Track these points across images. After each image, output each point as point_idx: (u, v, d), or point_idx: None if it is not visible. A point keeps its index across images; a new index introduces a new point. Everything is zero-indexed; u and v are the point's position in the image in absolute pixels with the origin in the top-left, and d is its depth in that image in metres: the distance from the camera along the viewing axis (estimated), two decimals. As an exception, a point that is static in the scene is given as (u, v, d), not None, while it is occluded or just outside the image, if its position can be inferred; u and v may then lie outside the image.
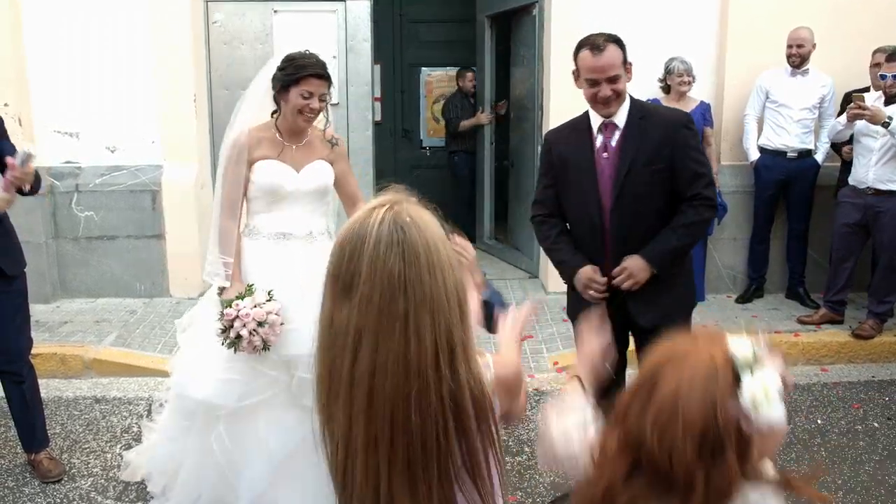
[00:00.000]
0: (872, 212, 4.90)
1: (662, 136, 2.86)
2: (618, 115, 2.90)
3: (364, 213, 1.27)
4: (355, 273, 1.21)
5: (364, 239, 1.21)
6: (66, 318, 5.36)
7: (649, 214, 2.89)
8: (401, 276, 1.19)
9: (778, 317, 5.40)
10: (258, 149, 3.00)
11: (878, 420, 4.22)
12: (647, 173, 2.85)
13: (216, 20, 5.86)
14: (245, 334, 2.80)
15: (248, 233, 3.07)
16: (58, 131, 5.68)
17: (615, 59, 2.82)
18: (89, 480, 3.56)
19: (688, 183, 2.88)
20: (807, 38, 5.30)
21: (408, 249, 1.20)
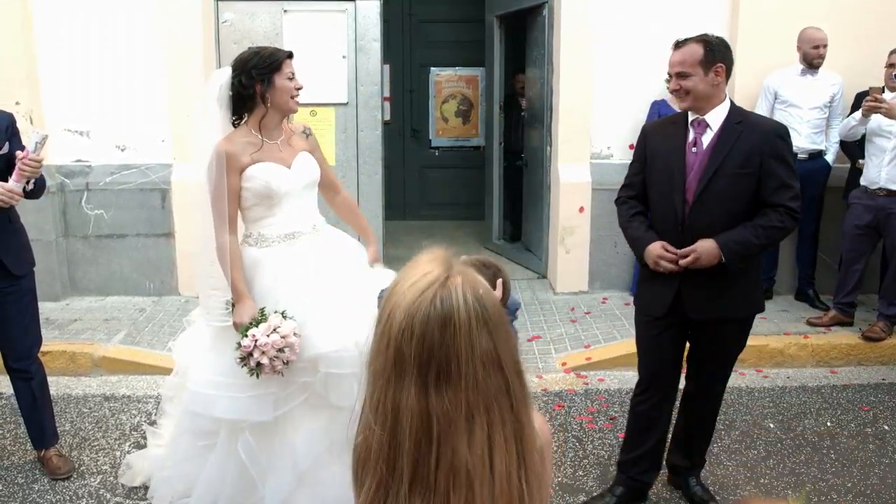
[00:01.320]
0: (884, 213, 4.88)
1: (756, 142, 2.91)
2: (711, 115, 2.98)
3: (434, 287, 1.16)
4: (451, 357, 1.14)
5: (451, 319, 1.14)
6: (75, 315, 5.38)
7: (729, 215, 2.93)
8: (493, 352, 1.16)
9: (787, 319, 5.38)
10: (244, 154, 2.90)
11: (888, 423, 4.19)
12: (735, 176, 2.91)
13: (226, 20, 5.88)
14: (266, 362, 2.78)
15: (255, 242, 2.99)
16: (68, 130, 5.71)
17: (687, 56, 2.92)
18: (98, 478, 3.58)
19: (774, 192, 2.92)
20: (826, 38, 5.28)
21: (492, 324, 1.16)
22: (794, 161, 3.01)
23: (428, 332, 1.14)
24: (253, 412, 2.92)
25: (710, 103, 2.98)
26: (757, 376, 4.80)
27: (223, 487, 3.01)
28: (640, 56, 5.72)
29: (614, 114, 5.81)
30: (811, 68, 5.34)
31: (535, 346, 4.99)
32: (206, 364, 3.02)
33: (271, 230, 2.98)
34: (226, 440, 3.00)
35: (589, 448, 3.88)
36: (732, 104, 3.03)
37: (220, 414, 2.95)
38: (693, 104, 2.98)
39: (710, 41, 2.95)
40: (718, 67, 2.93)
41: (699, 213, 2.96)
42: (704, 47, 2.92)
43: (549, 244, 6.20)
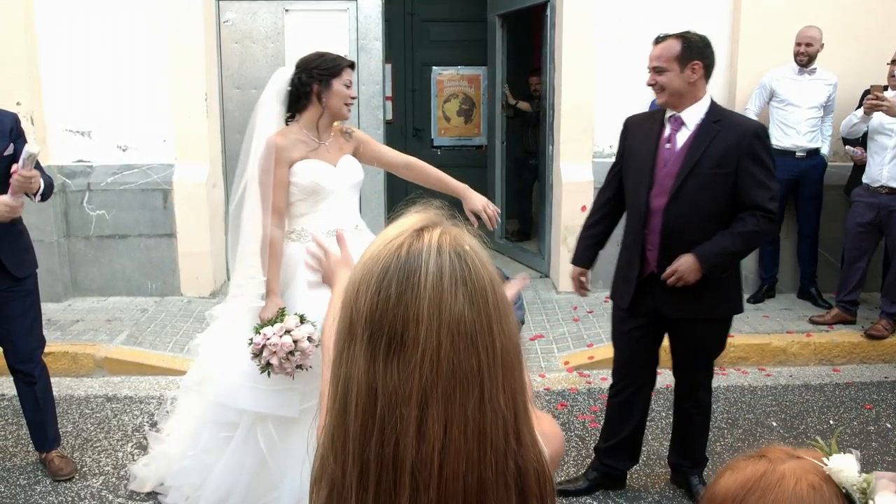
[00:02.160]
0: (886, 211, 4.87)
1: (733, 142, 2.90)
2: (688, 113, 2.98)
3: (403, 236, 0.95)
4: (409, 320, 0.90)
5: (416, 272, 0.91)
6: (77, 316, 5.39)
7: (704, 216, 2.94)
8: (470, 324, 0.91)
9: (790, 317, 5.37)
10: (295, 149, 3.00)
11: (890, 421, 4.19)
12: (710, 176, 2.91)
13: (227, 19, 5.88)
14: (275, 362, 2.81)
15: (298, 237, 3.05)
16: (69, 130, 5.71)
17: (664, 52, 2.94)
18: (100, 479, 3.58)
19: (750, 193, 2.91)
20: (815, 37, 5.27)
21: (475, 289, 0.92)
22: (772, 161, 2.99)
23: (384, 287, 0.91)
24: (278, 407, 2.94)
25: (686, 100, 2.97)
26: (759, 374, 4.80)
27: (238, 479, 3.01)
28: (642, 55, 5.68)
29: (616, 112, 5.77)
30: (800, 66, 5.34)
31: (537, 345, 4.99)
32: (235, 356, 3.03)
33: (315, 225, 3.03)
34: (245, 430, 3.00)
35: (592, 447, 3.87)
36: (713, 103, 3.02)
37: (246, 406, 2.97)
38: (668, 100, 2.99)
39: (689, 38, 2.95)
40: (695, 64, 2.92)
41: (673, 214, 2.96)
42: (682, 43, 2.93)
43: (551, 243, 6.19)
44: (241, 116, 5.97)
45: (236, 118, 5.97)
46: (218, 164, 5.92)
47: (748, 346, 4.93)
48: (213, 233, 5.80)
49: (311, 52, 3.10)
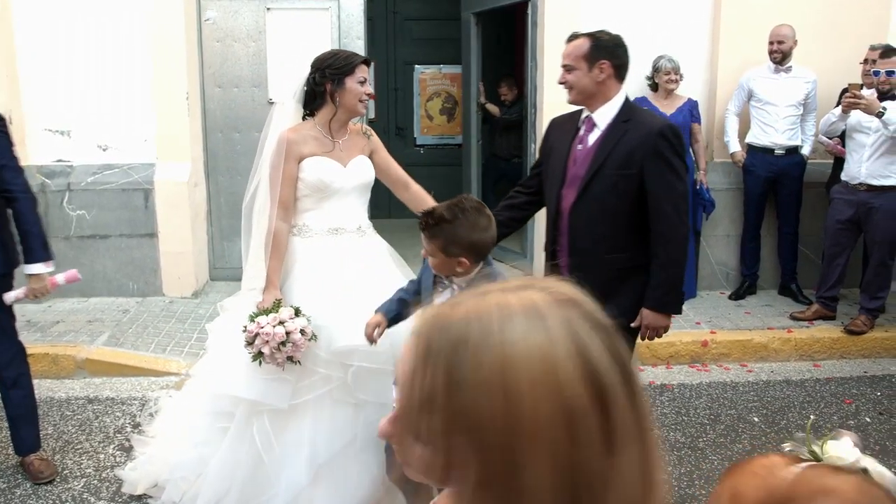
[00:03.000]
0: (865, 208, 4.92)
1: (638, 142, 2.85)
2: (599, 113, 2.94)
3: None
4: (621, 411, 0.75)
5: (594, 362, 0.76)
6: (58, 317, 5.34)
7: (610, 217, 2.89)
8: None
9: (771, 313, 5.42)
10: (306, 145, 3.01)
11: (869, 415, 4.24)
12: (615, 177, 2.86)
13: (209, 18, 5.84)
14: (267, 352, 2.82)
15: (299, 232, 3.07)
16: (49, 129, 5.65)
17: (573, 50, 2.91)
18: (82, 481, 3.55)
19: (656, 195, 2.85)
20: (787, 34, 5.33)
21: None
22: (681, 160, 2.91)
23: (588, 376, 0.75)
24: (269, 395, 2.94)
25: (597, 100, 2.92)
26: (741, 371, 4.84)
27: (234, 475, 3.00)
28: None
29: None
30: (775, 64, 5.39)
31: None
32: (235, 346, 3.03)
33: (316, 222, 3.04)
34: (242, 423, 3.00)
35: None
36: (626, 102, 2.97)
37: (238, 392, 2.98)
38: (576, 98, 2.96)
39: (599, 37, 2.91)
40: (603, 64, 2.87)
41: (578, 215, 2.93)
42: (591, 42, 2.89)
43: (535, 241, 6.21)
44: (222, 115, 5.94)
45: (218, 117, 5.94)
46: (200, 164, 5.89)
47: (730, 343, 4.97)
48: (195, 233, 5.77)
49: (327, 50, 3.13)
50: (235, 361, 3.00)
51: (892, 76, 4.74)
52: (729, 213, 5.81)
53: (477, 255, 2.49)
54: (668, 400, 4.42)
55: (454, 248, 2.44)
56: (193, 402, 3.27)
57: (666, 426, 4.08)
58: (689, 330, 5.12)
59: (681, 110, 5.53)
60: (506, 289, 0.80)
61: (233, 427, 3.02)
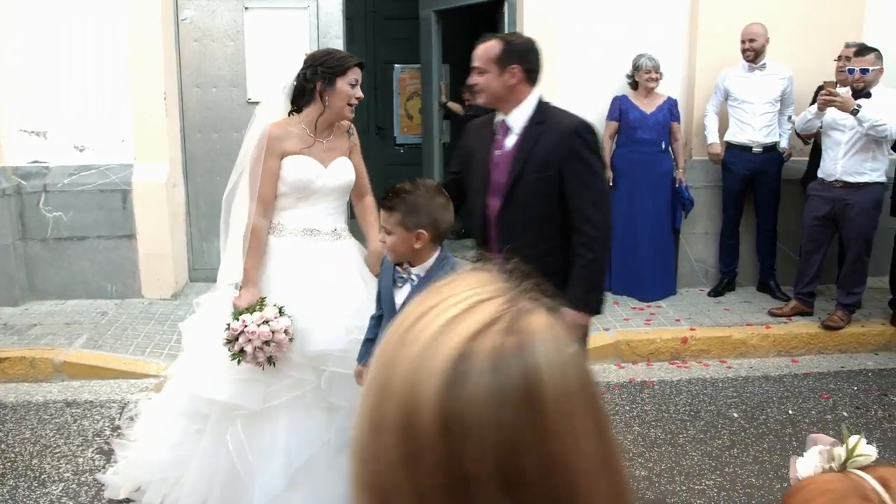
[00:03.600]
0: (840, 205, 4.98)
1: (554, 144, 2.82)
2: (513, 117, 2.90)
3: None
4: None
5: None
6: (35, 320, 5.28)
7: (537, 221, 2.86)
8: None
9: (750, 309, 5.47)
10: (289, 142, 2.95)
11: (847, 409, 4.29)
12: (537, 180, 2.83)
13: (186, 17, 5.80)
14: (249, 350, 2.79)
15: (273, 230, 3.01)
16: (24, 130, 5.59)
17: (483, 52, 2.86)
18: (60, 486, 3.51)
19: (573, 195, 2.83)
20: (759, 32, 5.38)
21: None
22: (598, 158, 2.90)
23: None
24: (241, 397, 2.90)
25: (510, 103, 2.88)
26: (720, 367, 4.88)
27: (213, 482, 2.97)
28: (603, 52, 5.77)
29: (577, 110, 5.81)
30: (749, 62, 5.44)
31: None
32: (209, 345, 3.00)
33: (291, 222, 3.00)
34: (216, 428, 2.97)
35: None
36: (540, 103, 2.92)
37: (209, 394, 2.94)
38: (488, 101, 2.93)
39: (511, 41, 2.88)
40: (514, 68, 2.83)
41: (506, 220, 2.90)
42: (502, 45, 2.84)
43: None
44: (200, 115, 5.90)
45: (196, 117, 5.90)
46: (178, 164, 5.84)
47: (709, 339, 5.01)
48: (174, 234, 5.72)
49: (321, 49, 3.10)
50: (208, 362, 2.97)
51: (867, 74, 4.80)
52: (707, 210, 5.86)
53: (435, 229, 2.48)
54: (648, 397, 4.45)
55: (414, 217, 2.44)
56: (170, 403, 3.23)
57: (646, 423, 4.11)
58: (669, 327, 5.16)
59: (661, 109, 5.57)
60: (460, 321, 0.68)
61: (207, 433, 2.99)
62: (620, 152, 5.68)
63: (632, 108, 5.59)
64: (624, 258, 5.70)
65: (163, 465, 3.13)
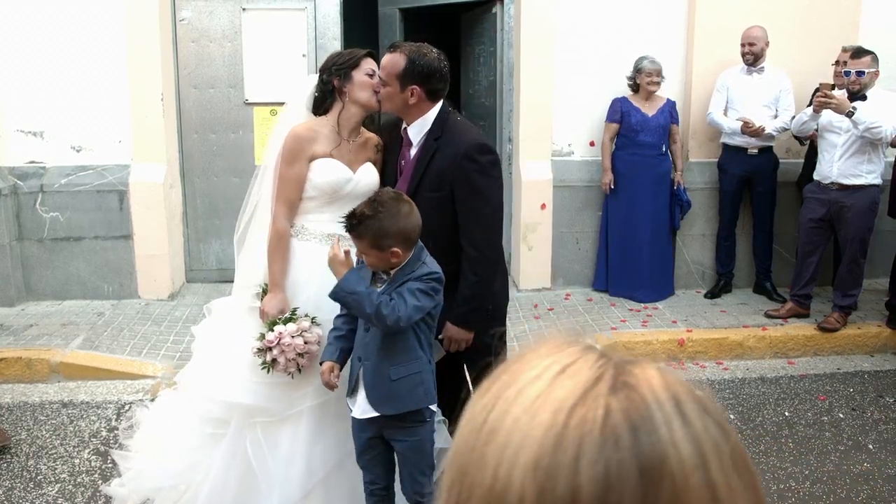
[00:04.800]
0: (837, 207, 4.99)
1: (447, 163, 2.79)
2: (413, 129, 2.88)
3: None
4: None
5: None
6: (31, 321, 5.27)
7: (437, 240, 2.76)
8: None
9: (746, 311, 5.48)
10: (317, 143, 2.90)
11: (843, 411, 4.30)
12: (433, 199, 2.79)
13: (184, 18, 5.79)
14: (282, 361, 2.77)
15: (296, 234, 2.96)
16: (21, 130, 5.58)
17: (388, 65, 2.82)
18: (56, 486, 3.50)
19: (462, 220, 2.81)
20: (758, 36, 5.39)
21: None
22: (488, 177, 2.81)
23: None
24: (268, 400, 2.87)
25: (410, 115, 2.85)
26: (717, 368, 4.89)
27: (227, 489, 2.92)
28: (600, 53, 5.78)
29: (575, 111, 5.86)
30: (748, 66, 5.45)
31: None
32: (231, 351, 2.97)
33: (315, 226, 2.95)
34: (235, 435, 2.92)
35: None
36: (440, 116, 2.86)
37: (235, 398, 2.89)
38: (387, 110, 2.92)
39: (414, 60, 2.78)
40: (413, 89, 2.78)
41: None
42: (406, 63, 2.78)
43: (511, 241, 6.23)
44: (198, 116, 5.90)
45: (193, 118, 5.90)
46: (175, 165, 5.84)
47: (706, 341, 5.02)
48: (171, 234, 5.72)
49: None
50: (230, 366, 2.92)
51: (862, 76, 4.82)
52: (704, 212, 5.87)
53: (406, 241, 2.50)
54: (645, 398, 4.45)
55: (384, 240, 2.45)
56: (181, 408, 3.16)
57: (643, 424, 4.11)
58: (666, 329, 5.17)
59: (662, 111, 5.57)
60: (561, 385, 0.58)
61: (227, 439, 2.94)
62: (621, 155, 5.68)
63: (633, 110, 5.58)
64: (622, 260, 5.71)
65: (173, 474, 3.07)
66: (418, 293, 2.48)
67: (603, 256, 5.86)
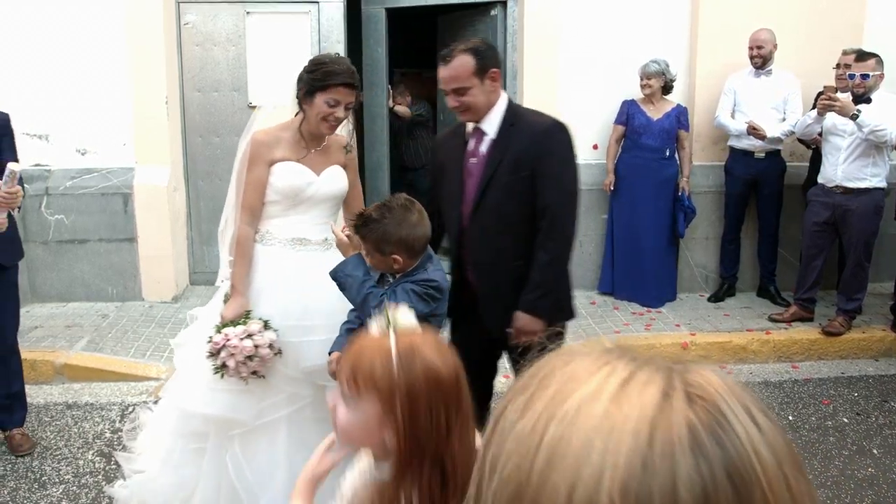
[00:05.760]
0: (841, 210, 4.98)
1: (526, 143, 2.75)
2: (487, 122, 2.81)
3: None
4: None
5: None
6: (36, 322, 5.28)
7: (510, 226, 2.77)
8: None
9: (750, 315, 5.47)
10: (277, 148, 2.85)
11: (847, 416, 4.28)
12: (511, 181, 2.75)
13: (188, 21, 5.81)
14: (231, 364, 2.72)
15: (261, 239, 2.92)
16: (26, 133, 5.59)
17: (460, 70, 2.73)
18: (60, 488, 3.51)
19: (543, 192, 2.74)
20: (766, 39, 5.38)
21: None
22: (571, 155, 2.81)
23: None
24: (234, 410, 2.82)
25: (489, 107, 2.81)
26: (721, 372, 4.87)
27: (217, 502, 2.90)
28: (603, 57, 5.78)
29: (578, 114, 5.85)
30: (756, 69, 5.44)
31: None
32: (197, 360, 2.92)
33: (280, 231, 2.91)
34: (215, 449, 2.89)
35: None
36: (509, 105, 2.85)
37: (201, 409, 2.86)
38: (475, 117, 2.81)
39: (479, 49, 2.76)
40: (493, 73, 2.76)
41: (478, 225, 2.82)
42: (474, 57, 2.73)
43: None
44: (202, 119, 5.92)
45: (197, 121, 5.92)
46: (179, 168, 5.86)
47: (709, 345, 5.01)
48: (175, 237, 5.73)
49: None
50: (200, 377, 2.88)
51: (867, 79, 4.81)
52: (708, 215, 5.86)
53: (409, 250, 2.48)
54: (648, 401, 4.44)
55: (386, 245, 2.45)
56: (166, 421, 3.12)
57: (646, 428, 4.10)
58: (669, 332, 5.16)
59: (668, 116, 5.54)
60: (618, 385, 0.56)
61: (207, 455, 2.91)
62: (624, 157, 5.68)
63: (638, 113, 5.57)
64: (625, 264, 5.70)
65: (170, 488, 3.03)
66: (412, 294, 2.46)
67: (609, 259, 5.85)
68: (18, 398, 3.86)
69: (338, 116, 2.80)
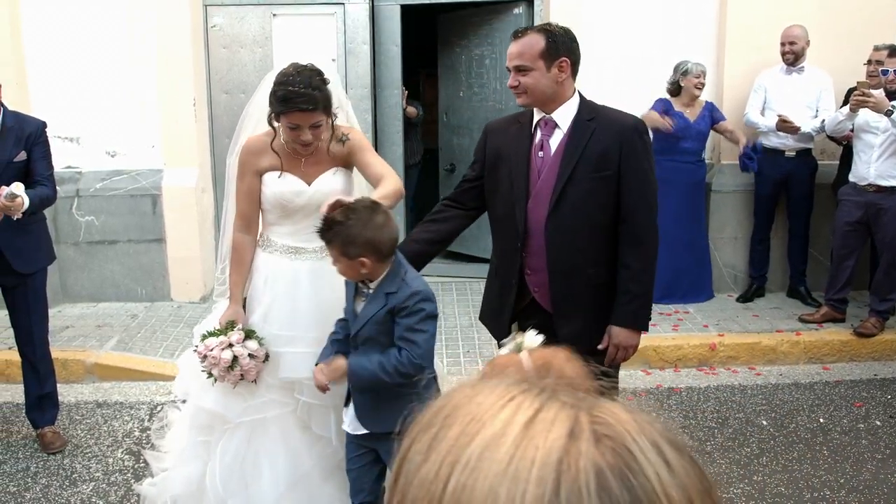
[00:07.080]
0: (874, 209, 4.89)
1: (612, 140, 2.60)
2: (559, 114, 2.65)
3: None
4: None
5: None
6: (67, 322, 5.37)
7: (590, 227, 2.63)
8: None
9: (779, 316, 5.39)
10: (264, 158, 2.81)
11: (880, 419, 4.21)
12: (592, 181, 2.60)
13: (215, 24, 5.87)
14: (216, 373, 2.76)
15: (263, 244, 2.94)
16: (58, 136, 5.67)
17: (526, 48, 2.58)
18: (91, 485, 3.56)
19: (632, 194, 2.61)
20: (799, 35, 5.29)
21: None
22: (652, 159, 2.70)
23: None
24: (221, 406, 2.87)
25: (555, 102, 2.63)
26: (749, 374, 4.81)
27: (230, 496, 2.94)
28: (629, 55, 5.74)
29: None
30: (788, 66, 5.36)
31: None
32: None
33: (277, 238, 2.92)
34: (218, 443, 2.95)
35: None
36: (582, 99, 2.70)
37: (202, 403, 2.93)
38: (532, 102, 2.64)
39: (554, 32, 2.60)
40: (563, 62, 2.58)
41: (556, 227, 2.62)
42: (546, 38, 2.57)
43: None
44: (229, 121, 5.95)
45: (224, 123, 5.96)
46: (207, 169, 5.92)
47: (738, 346, 4.95)
48: (203, 237, 5.79)
49: (292, 64, 2.82)
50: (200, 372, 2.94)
51: (901, 76, 4.72)
52: (737, 214, 5.79)
53: (376, 252, 2.42)
54: (675, 403, 4.40)
55: (352, 248, 2.40)
56: (185, 417, 3.20)
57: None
58: (697, 333, 5.10)
59: (702, 117, 5.46)
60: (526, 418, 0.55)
61: (214, 449, 2.96)
62: (660, 160, 5.54)
63: (676, 114, 5.41)
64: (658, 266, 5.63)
65: (183, 480, 3.10)
66: (416, 327, 2.43)
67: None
68: (50, 398, 3.94)
69: (304, 140, 2.68)
